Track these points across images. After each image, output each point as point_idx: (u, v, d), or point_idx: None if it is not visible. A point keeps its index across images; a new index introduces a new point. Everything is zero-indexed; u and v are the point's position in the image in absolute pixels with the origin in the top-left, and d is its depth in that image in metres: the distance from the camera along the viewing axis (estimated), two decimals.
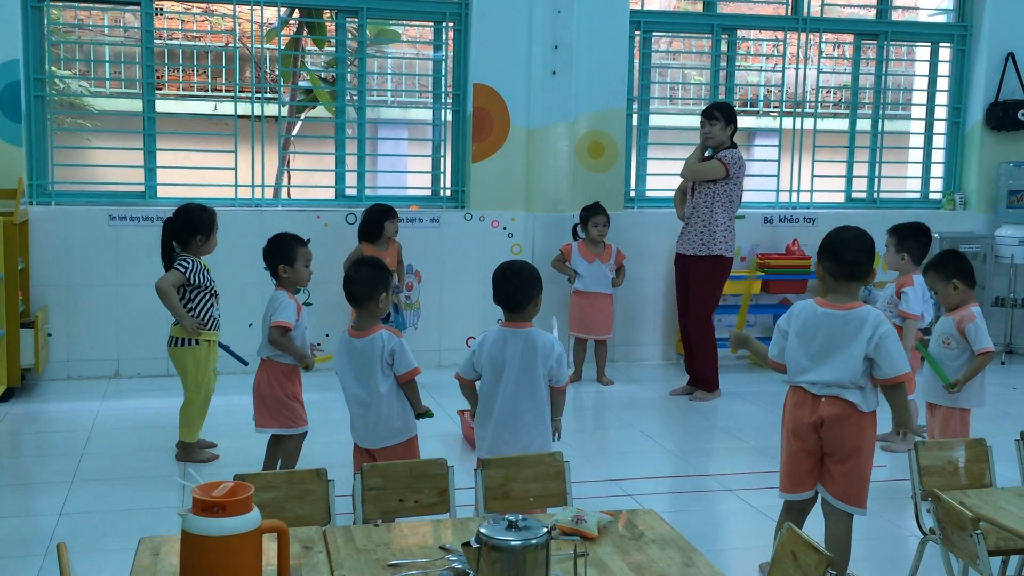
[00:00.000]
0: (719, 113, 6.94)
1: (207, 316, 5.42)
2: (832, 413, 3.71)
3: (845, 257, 3.75)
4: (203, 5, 11.18)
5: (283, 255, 4.97)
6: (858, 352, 3.66)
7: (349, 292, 4.31)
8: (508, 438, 4.07)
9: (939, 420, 4.75)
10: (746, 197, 7.30)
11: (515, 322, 4.10)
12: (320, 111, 12.09)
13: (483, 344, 4.11)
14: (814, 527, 3.77)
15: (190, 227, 5.40)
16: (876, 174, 8.93)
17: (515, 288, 4.09)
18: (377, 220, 7.05)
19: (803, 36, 8.58)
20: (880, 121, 8.96)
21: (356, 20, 7.83)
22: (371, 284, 4.25)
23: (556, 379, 4.12)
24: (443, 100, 8.04)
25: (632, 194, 8.32)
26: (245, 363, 5.51)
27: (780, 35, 8.71)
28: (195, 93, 12.59)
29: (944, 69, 9.02)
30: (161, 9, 10.09)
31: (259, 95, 7.71)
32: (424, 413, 4.35)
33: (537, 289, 4.13)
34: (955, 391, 4.73)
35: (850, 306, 3.73)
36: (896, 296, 5.69)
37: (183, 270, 5.32)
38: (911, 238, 5.75)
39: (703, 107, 7.16)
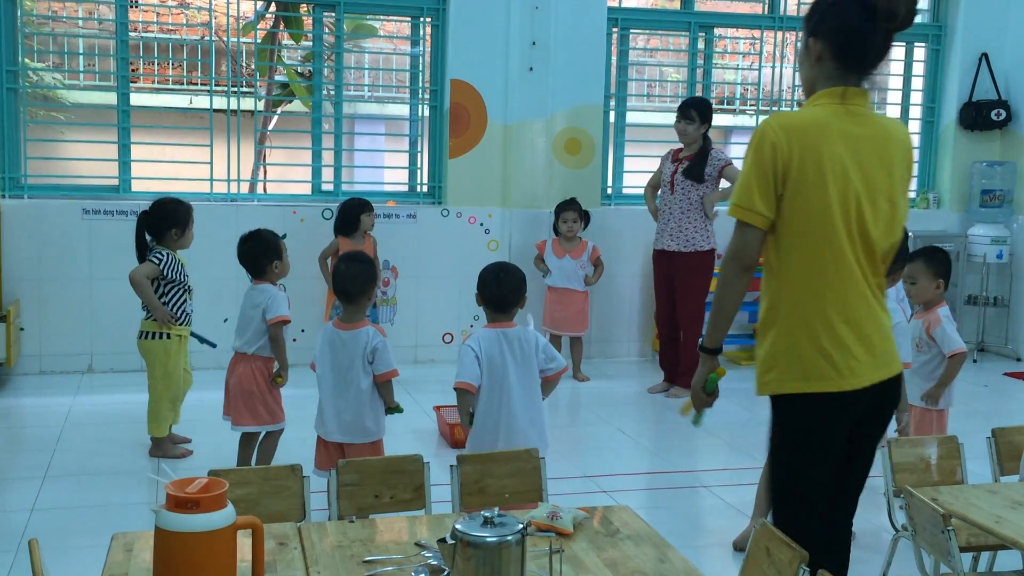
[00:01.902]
0: (695, 112, 6.94)
1: (179, 311, 5.39)
2: None
3: None
4: None
5: (273, 251, 4.97)
6: None
7: (342, 288, 4.32)
8: (514, 440, 3.94)
9: (914, 421, 4.76)
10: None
11: (502, 323, 4.06)
12: (296, 106, 12.05)
13: (479, 347, 3.99)
14: None
15: (165, 220, 5.37)
16: None
17: (508, 290, 4.04)
18: (353, 214, 7.03)
19: (779, 35, 8.61)
20: None
21: (333, 14, 7.80)
22: (365, 280, 4.32)
23: (547, 368, 4.08)
24: (420, 95, 8.02)
25: (609, 191, 8.34)
26: (214, 345, 5.59)
27: (757, 33, 8.75)
28: (170, 87, 12.51)
29: (919, 69, 9.08)
30: (136, 2, 10.02)
31: (235, 89, 7.66)
32: (395, 408, 4.37)
33: (524, 290, 4.12)
34: (932, 403, 4.72)
35: None
36: None
37: (157, 262, 5.29)
38: None
39: (680, 104, 7.17)
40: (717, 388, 3.10)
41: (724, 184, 6.98)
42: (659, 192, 7.24)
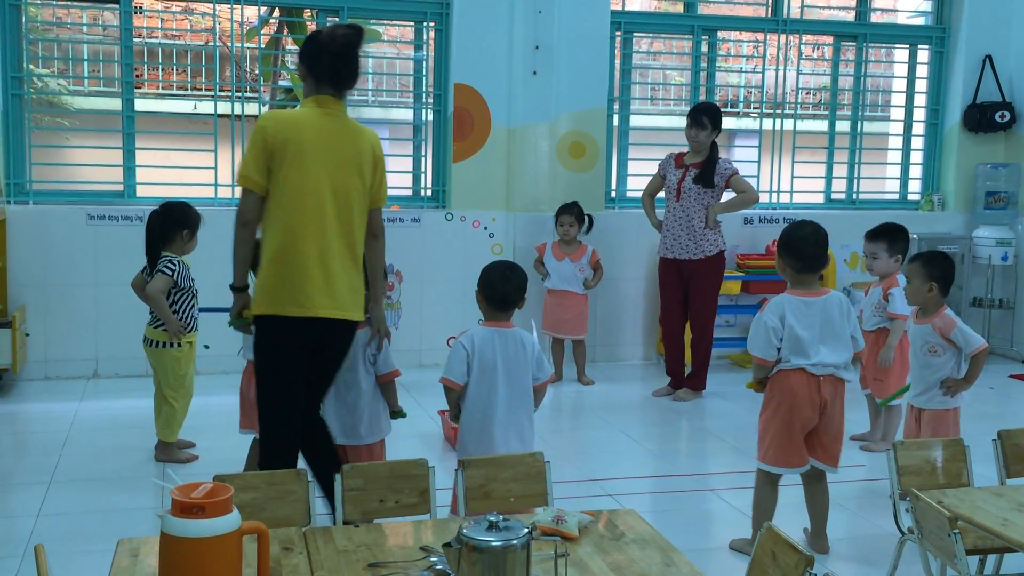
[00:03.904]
0: (707, 119, 6.90)
1: (188, 317, 5.40)
2: (833, 393, 4.20)
3: (805, 253, 4.21)
4: (183, 3, 11.14)
5: None
6: (846, 332, 4.22)
7: None
8: (508, 442, 3.97)
9: (928, 422, 4.71)
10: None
11: (500, 322, 4.06)
12: None
13: (472, 345, 4.00)
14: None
15: (177, 222, 5.37)
16: (855, 175, 8.98)
17: (513, 288, 4.06)
18: None
19: (783, 37, 8.61)
20: (859, 122, 9.01)
21: (337, 19, 7.81)
22: None
23: (537, 376, 4.08)
24: (424, 100, 8.03)
25: (613, 194, 8.34)
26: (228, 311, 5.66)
27: (760, 36, 8.74)
28: (175, 92, 12.52)
29: (922, 71, 9.08)
30: (141, 7, 10.04)
31: (239, 94, 7.68)
32: (398, 413, 4.37)
33: (525, 291, 4.15)
34: (963, 388, 4.67)
35: (821, 292, 4.24)
36: (884, 299, 5.69)
37: (171, 273, 5.28)
38: (901, 239, 5.75)
39: (684, 108, 7.16)
40: (249, 324, 4.01)
41: (730, 193, 6.96)
42: (661, 199, 7.22)
